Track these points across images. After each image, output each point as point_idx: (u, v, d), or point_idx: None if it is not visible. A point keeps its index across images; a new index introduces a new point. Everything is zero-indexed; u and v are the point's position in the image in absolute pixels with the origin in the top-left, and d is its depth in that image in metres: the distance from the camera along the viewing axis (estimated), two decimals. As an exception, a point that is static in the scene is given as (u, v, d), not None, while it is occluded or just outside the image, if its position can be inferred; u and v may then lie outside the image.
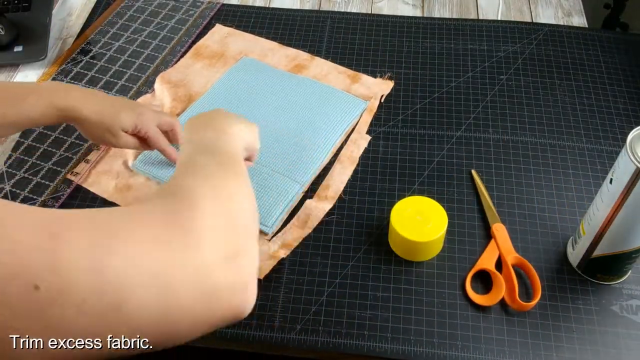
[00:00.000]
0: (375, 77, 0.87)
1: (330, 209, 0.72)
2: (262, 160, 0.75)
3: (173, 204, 0.40)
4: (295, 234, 0.70)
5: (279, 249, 0.69)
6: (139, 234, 0.36)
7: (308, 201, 0.73)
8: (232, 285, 0.39)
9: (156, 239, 0.37)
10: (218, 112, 0.59)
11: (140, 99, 0.84)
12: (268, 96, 0.84)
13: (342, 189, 0.74)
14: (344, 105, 0.82)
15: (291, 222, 0.71)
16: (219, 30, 0.94)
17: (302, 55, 0.90)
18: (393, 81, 0.86)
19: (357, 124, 0.81)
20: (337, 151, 0.78)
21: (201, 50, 0.91)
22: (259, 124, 0.79)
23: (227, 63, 0.89)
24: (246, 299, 0.40)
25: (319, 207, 0.72)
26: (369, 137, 0.79)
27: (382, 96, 0.84)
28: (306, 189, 0.74)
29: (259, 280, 0.67)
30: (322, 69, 0.88)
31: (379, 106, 0.83)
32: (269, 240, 0.69)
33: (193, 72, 0.88)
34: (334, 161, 0.77)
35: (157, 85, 0.86)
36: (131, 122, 0.68)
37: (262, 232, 0.70)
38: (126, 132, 0.68)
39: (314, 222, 0.71)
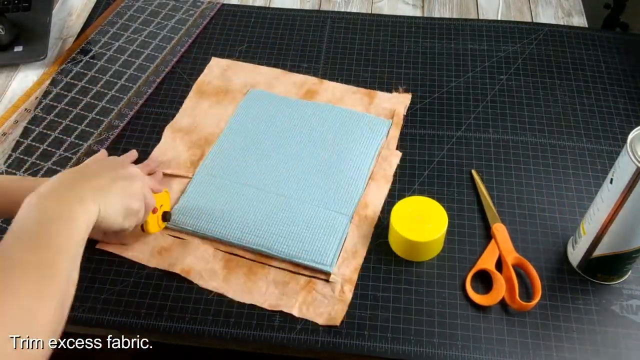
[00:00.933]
0: (390, 92, 0.85)
1: (373, 233, 0.70)
2: (303, 197, 0.72)
3: None
4: (351, 266, 0.67)
5: (343, 288, 0.65)
6: None
7: (350, 230, 0.70)
8: None
9: None
10: (89, 170, 0.58)
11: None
12: (289, 128, 0.80)
13: (380, 208, 0.72)
14: (369, 127, 0.80)
15: (341, 255, 0.68)
16: (216, 63, 0.89)
17: (310, 80, 0.87)
18: (410, 93, 0.85)
19: (384, 141, 0.79)
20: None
21: (203, 88, 0.86)
22: (288, 158, 0.76)
23: (235, 98, 0.84)
24: None
25: (362, 234, 0.70)
26: (400, 154, 0.77)
27: (405, 108, 0.82)
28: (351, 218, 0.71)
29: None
30: (334, 92, 0.85)
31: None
32: (329, 280, 0.66)
33: (201, 114, 0.83)
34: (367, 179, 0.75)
35: (168, 135, 0.80)
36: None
37: (323, 272, 0.66)
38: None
39: (362, 252, 0.68)
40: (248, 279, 0.67)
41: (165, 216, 0.69)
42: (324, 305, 0.64)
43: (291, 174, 0.75)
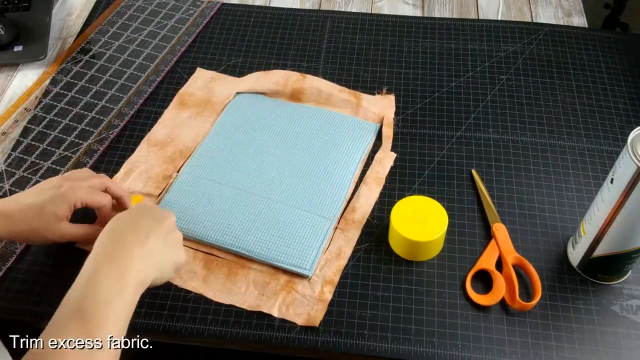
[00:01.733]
0: (373, 94, 0.84)
1: (360, 236, 0.70)
2: (286, 200, 0.72)
3: None
4: (333, 268, 0.67)
5: (323, 289, 0.65)
6: None
7: (335, 234, 0.70)
8: None
9: None
10: (140, 219, 0.57)
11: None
12: (275, 130, 0.79)
13: (369, 212, 0.72)
14: (356, 131, 0.79)
15: (324, 256, 0.68)
16: (201, 75, 0.87)
17: (292, 77, 0.86)
18: (393, 94, 0.84)
19: (371, 144, 0.79)
20: (363, 171, 0.76)
21: (185, 99, 0.84)
22: (273, 161, 0.75)
23: (215, 109, 0.82)
24: None
25: (348, 237, 0.69)
26: (394, 155, 0.77)
27: (393, 110, 0.82)
28: (336, 224, 0.71)
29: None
30: (320, 91, 0.83)
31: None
32: (309, 280, 0.66)
33: (179, 125, 0.81)
34: (359, 182, 0.75)
35: (143, 147, 0.79)
36: (66, 204, 0.62)
37: (302, 276, 0.66)
38: (66, 218, 0.63)
39: (347, 253, 0.68)
40: (228, 279, 0.66)
41: None
42: (304, 306, 0.64)
43: (275, 176, 0.74)
